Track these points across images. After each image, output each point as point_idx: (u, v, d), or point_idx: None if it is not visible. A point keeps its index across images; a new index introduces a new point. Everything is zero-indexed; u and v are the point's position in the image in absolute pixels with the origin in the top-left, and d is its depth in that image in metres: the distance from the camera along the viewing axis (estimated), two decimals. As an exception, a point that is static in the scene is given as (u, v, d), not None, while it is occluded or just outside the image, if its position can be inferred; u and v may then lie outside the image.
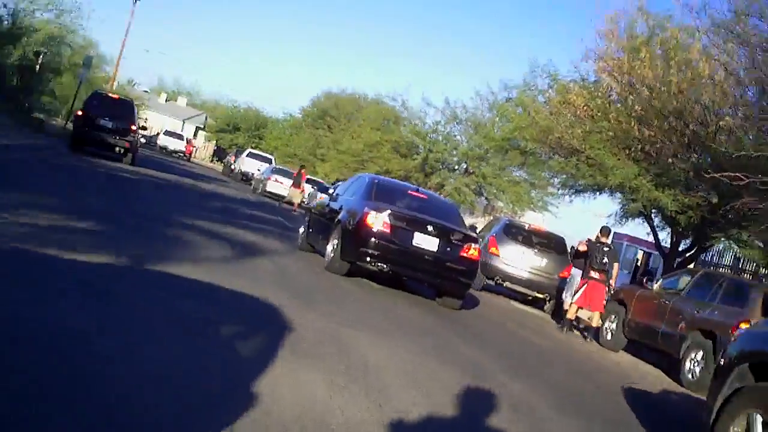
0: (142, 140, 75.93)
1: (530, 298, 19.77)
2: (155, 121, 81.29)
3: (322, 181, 49.85)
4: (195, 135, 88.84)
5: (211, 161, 77.23)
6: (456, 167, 42.79)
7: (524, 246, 19.20)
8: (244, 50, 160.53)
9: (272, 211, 24.71)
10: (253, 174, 44.43)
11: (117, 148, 26.15)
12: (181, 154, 61.73)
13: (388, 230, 11.75)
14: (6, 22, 28.23)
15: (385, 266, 11.80)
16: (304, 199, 33.88)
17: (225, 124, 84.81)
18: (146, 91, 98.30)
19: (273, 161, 49.50)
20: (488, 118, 40.45)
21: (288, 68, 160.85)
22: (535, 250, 19.17)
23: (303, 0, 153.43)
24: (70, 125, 31.78)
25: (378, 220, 11.77)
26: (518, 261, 18.98)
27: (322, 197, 17.45)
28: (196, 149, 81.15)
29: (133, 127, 26.34)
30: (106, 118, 25.62)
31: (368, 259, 11.74)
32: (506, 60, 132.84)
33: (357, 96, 58.46)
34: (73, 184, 15.76)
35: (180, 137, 62.38)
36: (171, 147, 60.73)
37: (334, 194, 14.51)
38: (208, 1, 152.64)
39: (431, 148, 40.13)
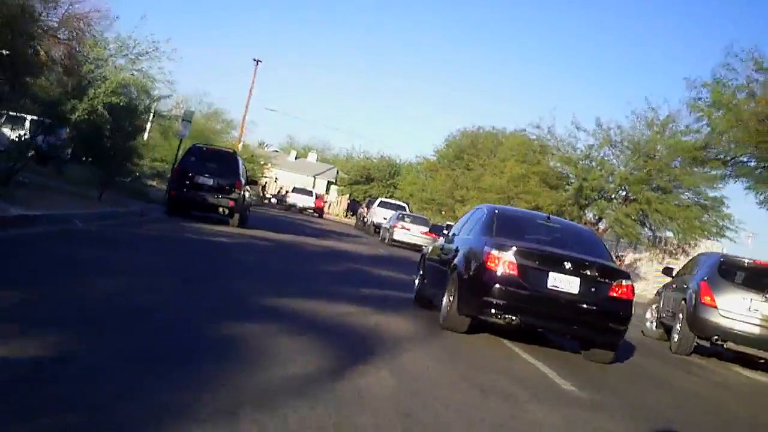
0: (273, 200, 74.53)
1: (761, 360, 14.39)
2: (285, 180, 79.28)
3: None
4: (327, 190, 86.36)
5: (345, 215, 74.09)
6: (613, 195, 37.30)
7: (751, 291, 13.85)
8: (372, 99, 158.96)
9: (407, 267, 20.30)
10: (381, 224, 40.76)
11: (220, 209, 22.50)
12: (311, 211, 58.79)
13: (515, 272, 9.60)
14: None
15: (514, 318, 9.62)
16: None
17: (359, 176, 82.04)
18: (276, 151, 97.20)
19: (407, 208, 45.44)
20: (648, 136, 34.92)
21: (419, 112, 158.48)
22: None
23: (426, 42, 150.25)
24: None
25: (502, 261, 9.61)
26: (745, 312, 13.65)
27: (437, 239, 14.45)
28: (329, 204, 78.53)
29: (239, 183, 22.65)
30: (207, 175, 22.11)
31: (492, 311, 9.59)
32: (657, 73, 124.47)
33: (495, 131, 53.98)
34: (142, 257, 11.82)
35: (309, 193, 59.48)
36: (300, 204, 57.86)
37: (449, 234, 12.32)
38: (328, 55, 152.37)
39: (585, 176, 34.88)
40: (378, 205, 44.70)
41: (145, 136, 36.24)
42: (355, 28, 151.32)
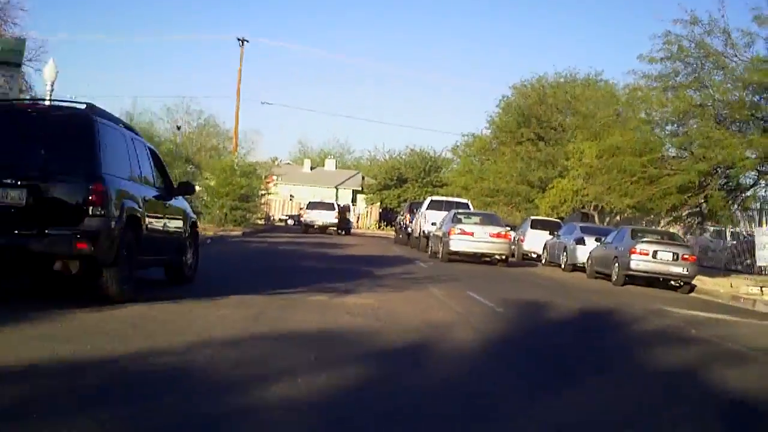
0: (290, 221, 60.71)
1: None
2: (303, 195, 65.24)
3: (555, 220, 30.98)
4: (353, 200, 72.12)
5: (378, 227, 59.87)
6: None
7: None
8: (389, 81, 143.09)
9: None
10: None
11: (58, 265, 8.35)
12: (335, 228, 44.65)
13: None
14: None
15: None
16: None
17: (388, 178, 67.89)
18: (288, 164, 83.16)
19: (470, 206, 30.98)
20: None
21: (449, 87, 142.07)
22: None
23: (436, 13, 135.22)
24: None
25: None
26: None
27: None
28: (356, 217, 64.40)
29: (103, 189, 8.45)
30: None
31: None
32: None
33: (563, 77, 39.32)
34: None
35: (329, 207, 45.04)
36: (320, 221, 43.61)
37: None
38: (328, 37, 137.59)
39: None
40: (428, 207, 30.35)
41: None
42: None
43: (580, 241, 23.31)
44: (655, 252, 19.36)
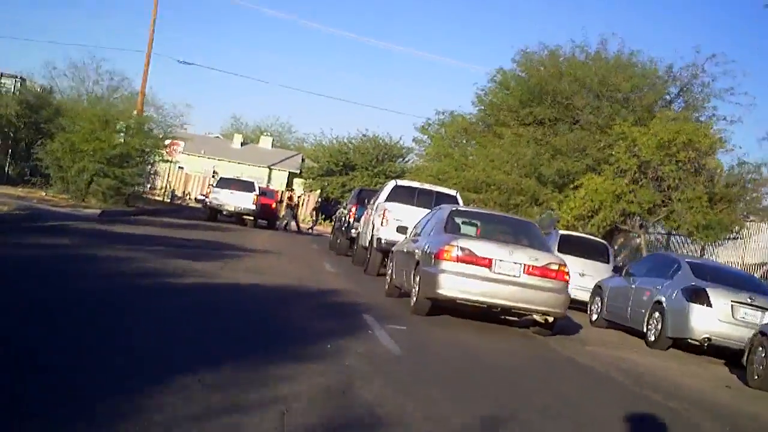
0: (195, 202, 47.89)
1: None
2: (230, 173, 52.45)
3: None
4: (289, 185, 59.84)
5: (315, 221, 47.55)
6: None
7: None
8: (343, 73, 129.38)
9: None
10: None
11: None
12: (252, 218, 32.41)
13: None
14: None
15: None
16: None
17: (332, 163, 55.78)
18: (219, 137, 70.52)
19: (458, 198, 19.23)
20: None
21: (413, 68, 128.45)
22: None
23: None
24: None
25: None
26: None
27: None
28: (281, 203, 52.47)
29: None
30: None
31: None
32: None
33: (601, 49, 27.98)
34: None
35: (248, 187, 32.32)
36: (231, 206, 31.23)
37: None
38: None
39: None
40: (390, 198, 18.51)
41: None
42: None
43: (698, 297, 11.81)
44: None
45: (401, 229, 14.82)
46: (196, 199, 49.84)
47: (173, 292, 9.97)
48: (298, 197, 49.41)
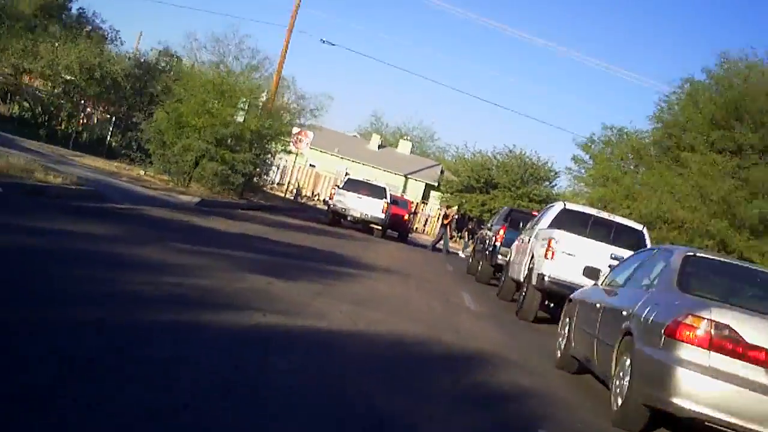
0: (321, 204, 44.20)
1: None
2: (363, 176, 48.64)
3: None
4: (425, 197, 55.77)
5: (450, 237, 43.14)
6: None
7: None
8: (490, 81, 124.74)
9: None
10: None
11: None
12: (380, 227, 28.40)
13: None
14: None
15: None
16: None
17: (474, 179, 51.29)
18: (355, 136, 67.37)
19: (645, 235, 14.41)
20: None
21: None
22: None
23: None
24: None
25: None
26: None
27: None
28: (423, 218, 48.61)
29: None
30: None
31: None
32: None
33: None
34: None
35: (378, 193, 28.20)
36: (357, 212, 27.26)
37: None
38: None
39: None
40: (552, 225, 13.93)
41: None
42: None
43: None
44: None
45: (590, 272, 10.15)
46: (324, 201, 46.55)
47: (202, 343, 5.71)
48: (458, 214, 44.72)
